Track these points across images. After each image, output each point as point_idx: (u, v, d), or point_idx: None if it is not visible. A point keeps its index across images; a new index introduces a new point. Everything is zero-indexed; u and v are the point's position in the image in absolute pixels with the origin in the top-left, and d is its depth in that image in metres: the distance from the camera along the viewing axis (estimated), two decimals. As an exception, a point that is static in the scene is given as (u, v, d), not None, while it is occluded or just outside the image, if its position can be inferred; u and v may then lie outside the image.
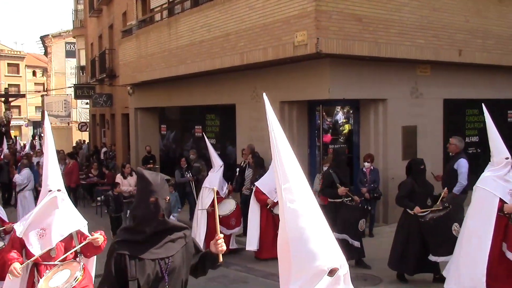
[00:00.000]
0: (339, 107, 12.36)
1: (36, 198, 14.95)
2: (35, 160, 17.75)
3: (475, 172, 12.97)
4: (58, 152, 19.46)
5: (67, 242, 4.92)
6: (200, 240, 9.44)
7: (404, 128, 11.57)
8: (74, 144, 31.52)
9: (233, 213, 9.74)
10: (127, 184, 12.49)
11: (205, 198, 9.96)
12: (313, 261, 2.56)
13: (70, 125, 41.82)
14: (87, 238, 4.86)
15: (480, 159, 13.27)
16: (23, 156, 17.87)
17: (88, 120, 34.94)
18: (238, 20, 11.31)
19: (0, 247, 6.29)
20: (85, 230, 5.07)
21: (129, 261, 3.20)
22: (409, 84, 11.65)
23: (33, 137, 45.44)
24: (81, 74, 32.57)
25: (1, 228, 6.65)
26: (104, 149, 23.98)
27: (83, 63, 32.37)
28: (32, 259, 4.73)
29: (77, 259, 4.94)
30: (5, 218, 7.12)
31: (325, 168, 10.15)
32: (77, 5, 33.11)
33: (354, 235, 8.36)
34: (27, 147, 26.17)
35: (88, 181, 16.98)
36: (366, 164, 10.50)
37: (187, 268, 3.43)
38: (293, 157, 2.88)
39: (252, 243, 9.39)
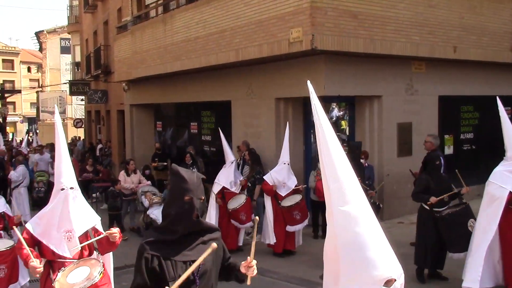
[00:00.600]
0: (335, 104, 12.36)
1: (30, 194, 14.98)
2: (32, 156, 17.79)
3: (471, 168, 13.05)
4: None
5: (82, 239, 4.84)
6: None
7: (399, 125, 11.59)
8: (69, 141, 31.44)
9: (243, 207, 9.49)
10: (129, 181, 12.20)
11: (213, 188, 9.91)
12: (368, 270, 2.40)
13: (65, 121, 41.69)
14: (105, 232, 4.76)
15: (474, 156, 13.34)
16: (18, 153, 17.92)
17: (83, 117, 34.85)
18: (233, 17, 11.29)
19: (11, 246, 6.27)
20: (99, 226, 5.01)
21: (164, 262, 3.04)
22: (404, 81, 11.67)
23: (27, 133, 45.33)
24: (76, 70, 32.46)
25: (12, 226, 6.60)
26: (99, 146, 23.92)
27: (78, 59, 32.26)
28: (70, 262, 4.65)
29: (96, 256, 4.87)
30: (10, 213, 7.08)
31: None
32: (72, 1, 32.96)
33: None
34: (24, 144, 26.10)
35: (84, 177, 16.92)
36: (361, 161, 10.48)
37: (216, 273, 3.29)
38: (343, 153, 2.66)
39: (270, 237, 9.37)
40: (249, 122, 12.50)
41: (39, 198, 15.09)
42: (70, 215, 4.75)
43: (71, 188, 4.81)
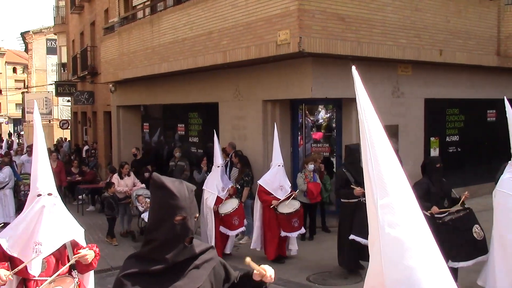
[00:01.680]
0: (322, 106, 12.40)
1: (16, 196, 14.72)
2: (18, 158, 17.30)
3: (456, 170, 13.16)
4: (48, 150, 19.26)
5: (60, 253, 4.25)
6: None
7: (386, 127, 11.59)
8: (55, 142, 31.19)
9: (236, 212, 9.16)
10: (123, 184, 11.84)
11: (207, 200, 9.42)
12: None
13: (51, 122, 41.36)
14: (73, 256, 4.17)
15: (460, 158, 13.46)
16: (4, 154, 17.61)
17: (69, 118, 34.58)
18: (221, 19, 11.28)
19: None
20: (81, 239, 4.42)
21: None
22: (391, 84, 11.74)
23: (10, 135, 44.84)
24: (62, 71, 32.22)
25: None
26: (85, 147, 23.75)
27: (64, 60, 32.03)
28: (16, 269, 4.05)
29: (72, 274, 4.28)
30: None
31: (311, 167, 10.15)
32: (58, 1, 32.73)
33: None
34: (4, 146, 25.61)
35: (71, 179, 16.79)
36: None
37: None
38: (395, 159, 2.15)
39: (256, 242, 9.17)
40: (236, 124, 12.49)
41: (25, 202, 14.92)
42: (41, 226, 4.15)
43: (49, 194, 4.23)
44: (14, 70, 61.27)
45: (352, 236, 7.67)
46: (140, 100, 17.55)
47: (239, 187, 10.47)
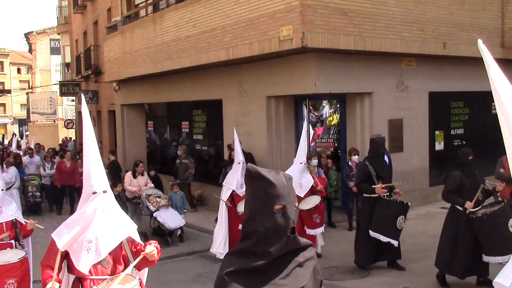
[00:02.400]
0: (326, 101, 12.39)
1: (25, 198, 14.73)
2: (25, 160, 16.65)
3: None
4: (47, 151, 19.16)
5: (116, 251, 4.17)
6: (223, 239, 9.11)
7: (390, 121, 11.63)
8: (60, 142, 31.28)
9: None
10: (136, 184, 11.36)
11: (222, 195, 9.41)
12: None
13: (56, 122, 41.50)
14: (142, 253, 4.09)
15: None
16: (9, 155, 17.63)
17: (74, 117, 34.67)
18: (223, 15, 11.27)
19: (23, 257, 5.80)
20: (136, 236, 4.34)
21: None
22: (395, 77, 11.70)
23: (13, 135, 44.97)
24: (66, 71, 32.29)
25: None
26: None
27: (68, 59, 32.09)
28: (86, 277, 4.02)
29: (132, 271, 4.14)
30: (22, 220, 6.40)
31: (314, 162, 10.10)
32: (61, 1, 32.77)
33: (392, 234, 7.59)
34: (14, 146, 25.74)
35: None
36: (354, 157, 10.46)
37: None
38: None
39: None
40: (241, 121, 12.49)
41: (35, 203, 14.80)
42: (97, 224, 4.10)
43: (104, 191, 4.15)
44: (19, 70, 61.44)
45: (370, 232, 7.61)
46: (144, 98, 17.58)
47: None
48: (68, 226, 4.19)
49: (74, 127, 32.66)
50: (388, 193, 7.80)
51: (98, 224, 4.10)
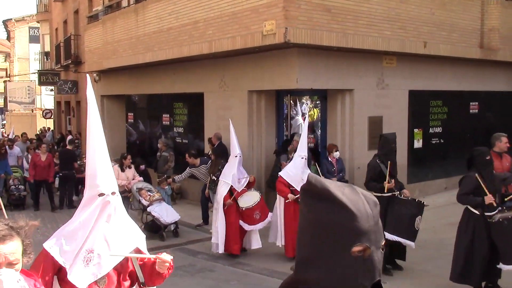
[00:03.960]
0: (307, 97, 12.44)
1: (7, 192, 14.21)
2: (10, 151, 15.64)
3: (439, 161, 13.33)
4: (30, 140, 18.73)
5: (122, 265, 3.51)
6: (221, 237, 8.81)
7: (370, 119, 11.73)
8: (38, 132, 30.85)
9: (257, 205, 8.73)
10: (124, 177, 10.99)
11: (219, 190, 9.04)
12: None
13: (34, 112, 40.89)
14: (156, 256, 3.39)
15: (443, 149, 13.61)
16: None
17: (52, 107, 34.22)
18: (206, 8, 11.23)
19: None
20: (143, 246, 3.66)
21: None
22: (376, 75, 11.80)
23: None
24: (45, 60, 31.83)
25: None
26: (69, 137, 23.54)
27: (47, 48, 31.63)
28: None
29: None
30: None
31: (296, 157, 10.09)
32: (41, -12, 32.26)
33: (409, 235, 7.19)
34: None
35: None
36: (336, 153, 10.53)
37: None
38: None
39: (277, 238, 8.67)
40: (222, 114, 12.48)
41: (19, 197, 14.09)
42: (101, 230, 3.42)
43: (113, 193, 3.47)
44: (-4, 58, 60.31)
45: (385, 234, 6.97)
46: (124, 89, 17.43)
47: (214, 179, 10.30)
48: (67, 233, 3.45)
49: (52, 117, 32.23)
50: (398, 192, 7.46)
51: (103, 232, 3.43)
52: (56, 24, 28.77)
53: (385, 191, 7.26)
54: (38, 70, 31.03)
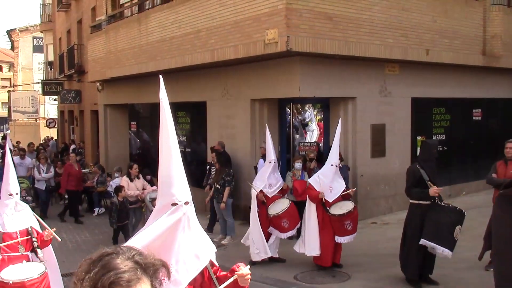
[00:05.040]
0: (309, 105, 12.45)
1: None
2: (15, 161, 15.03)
3: (442, 169, 13.26)
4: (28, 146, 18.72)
5: (196, 279, 3.33)
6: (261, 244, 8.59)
7: (373, 126, 11.72)
8: (42, 141, 30.93)
9: (285, 213, 8.42)
10: (134, 187, 10.79)
11: (252, 198, 8.87)
12: None
13: (37, 121, 41.03)
14: (236, 273, 3.19)
15: (446, 157, 13.58)
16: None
17: (56, 117, 34.32)
18: (209, 17, 11.27)
19: (43, 271, 5.14)
20: (214, 258, 3.49)
21: None
22: (378, 83, 11.80)
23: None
24: (49, 69, 31.97)
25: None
26: (73, 146, 23.59)
27: (51, 58, 31.78)
28: None
29: None
30: (38, 227, 5.69)
31: (297, 165, 10.09)
32: (45, -1, 32.46)
33: (447, 244, 6.86)
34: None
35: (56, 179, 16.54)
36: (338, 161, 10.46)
37: None
38: None
39: (313, 248, 8.20)
40: (224, 123, 12.49)
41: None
42: (175, 243, 3.19)
43: (186, 203, 3.26)
44: (0, 68, 60.58)
45: (423, 241, 6.90)
46: (127, 99, 17.47)
47: (219, 187, 10.33)
48: (140, 242, 3.12)
49: (56, 126, 32.33)
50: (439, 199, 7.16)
51: (177, 244, 3.20)
52: (60, 34, 28.93)
53: (431, 193, 6.93)
54: (41, 80, 31.17)
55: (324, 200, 8.01)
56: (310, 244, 8.18)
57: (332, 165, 8.18)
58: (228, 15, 10.69)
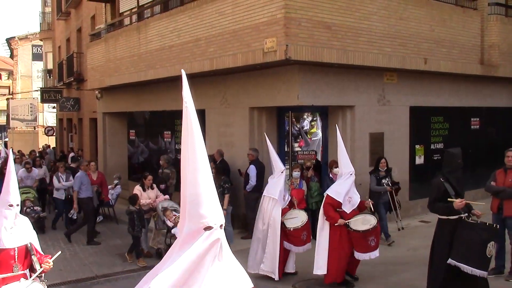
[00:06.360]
0: (307, 114, 12.47)
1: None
2: (21, 173, 14.07)
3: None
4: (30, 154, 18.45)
5: None
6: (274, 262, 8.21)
7: (371, 135, 11.74)
8: (40, 149, 30.89)
9: (305, 226, 8.18)
10: (146, 197, 10.63)
11: (269, 209, 8.30)
12: None
13: (36, 129, 41.03)
14: None
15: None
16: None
17: (54, 125, 34.32)
18: (208, 26, 11.31)
19: None
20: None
21: None
22: (376, 92, 11.84)
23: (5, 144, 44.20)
24: (48, 77, 32.02)
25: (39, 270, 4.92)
26: (71, 154, 23.55)
27: (50, 66, 31.84)
28: None
29: None
30: (38, 246, 5.29)
31: (295, 173, 10.04)
32: (44, 7, 32.58)
33: (480, 263, 6.21)
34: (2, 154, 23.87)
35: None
36: (335, 170, 10.43)
37: None
38: None
39: (320, 266, 7.78)
40: (223, 131, 12.50)
41: (39, 219, 12.56)
42: (210, 275, 2.80)
43: (221, 226, 2.84)
44: (-1, 76, 60.66)
45: (451, 261, 6.33)
46: (126, 107, 17.48)
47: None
48: (168, 280, 2.73)
49: (54, 134, 32.32)
50: (466, 214, 6.50)
51: (212, 276, 2.80)
52: (59, 42, 29.01)
53: (455, 206, 6.35)
54: (40, 88, 31.23)
55: (338, 223, 7.60)
56: (318, 261, 7.81)
57: (350, 174, 7.83)
58: (227, 24, 10.73)
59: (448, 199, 6.42)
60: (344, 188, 7.76)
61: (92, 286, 8.47)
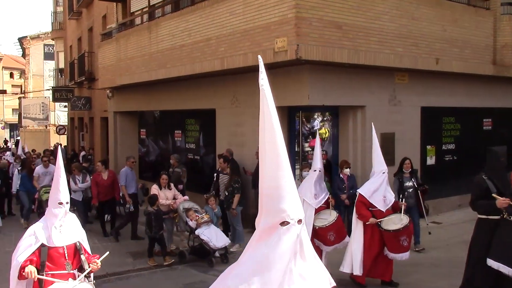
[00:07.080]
0: (318, 114, 12.43)
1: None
2: (38, 170, 14.14)
3: (452, 178, 13.17)
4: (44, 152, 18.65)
5: None
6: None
7: (382, 135, 11.66)
8: (51, 148, 31.12)
9: (332, 226, 7.94)
10: (163, 197, 10.34)
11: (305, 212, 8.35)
12: None
13: (47, 128, 41.34)
14: None
15: (456, 166, 13.50)
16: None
17: (66, 123, 34.55)
18: (218, 25, 11.32)
19: None
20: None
21: None
22: (388, 92, 11.78)
23: (5, 142, 44.53)
24: (59, 76, 32.25)
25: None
26: (82, 153, 23.70)
27: (61, 65, 32.06)
28: None
29: None
30: (87, 246, 5.24)
31: (305, 173, 9.99)
32: (56, 7, 32.79)
33: None
34: (9, 153, 24.06)
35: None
36: (346, 170, 10.43)
37: None
38: None
39: (356, 267, 7.69)
40: (234, 131, 12.50)
41: None
42: (290, 274, 2.64)
43: (299, 221, 2.69)
44: (11, 75, 61.17)
45: (489, 261, 6.21)
46: (137, 106, 17.55)
47: (226, 194, 10.40)
48: (247, 278, 2.61)
49: (66, 133, 32.54)
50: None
51: (293, 274, 2.65)
52: (71, 41, 29.20)
53: (498, 205, 6.15)
54: (52, 87, 31.46)
55: (370, 222, 7.56)
56: (351, 261, 7.74)
57: (383, 172, 7.74)
58: (238, 23, 10.74)
59: (493, 194, 6.26)
60: (375, 186, 7.69)
61: (103, 284, 8.50)
